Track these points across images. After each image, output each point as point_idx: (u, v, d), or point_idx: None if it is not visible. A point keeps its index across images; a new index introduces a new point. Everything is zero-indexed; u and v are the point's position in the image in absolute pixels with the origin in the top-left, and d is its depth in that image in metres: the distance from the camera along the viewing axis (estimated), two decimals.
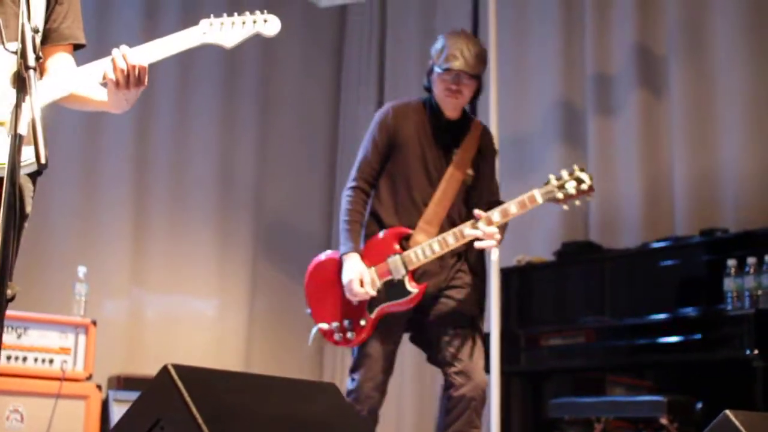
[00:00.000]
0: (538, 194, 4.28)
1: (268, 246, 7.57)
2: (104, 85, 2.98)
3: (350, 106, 8.00)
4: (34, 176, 3.02)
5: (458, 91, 4.46)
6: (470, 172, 4.59)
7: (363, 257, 4.39)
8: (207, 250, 7.29)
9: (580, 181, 4.29)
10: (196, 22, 3.06)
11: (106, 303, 6.65)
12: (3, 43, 2.61)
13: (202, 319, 7.24)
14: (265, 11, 3.11)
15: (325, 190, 7.91)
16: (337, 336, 4.44)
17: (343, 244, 4.46)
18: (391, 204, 4.52)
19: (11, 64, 2.73)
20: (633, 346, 5.35)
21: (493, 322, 5.38)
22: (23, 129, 2.32)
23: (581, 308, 5.83)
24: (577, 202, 4.33)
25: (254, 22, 3.10)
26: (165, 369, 2.38)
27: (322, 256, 4.61)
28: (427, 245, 4.36)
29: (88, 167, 6.77)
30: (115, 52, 2.91)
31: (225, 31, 3.08)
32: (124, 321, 6.82)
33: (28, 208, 3.04)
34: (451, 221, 4.46)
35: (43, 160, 2.25)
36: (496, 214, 4.29)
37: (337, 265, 4.46)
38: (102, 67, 2.93)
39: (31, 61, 2.38)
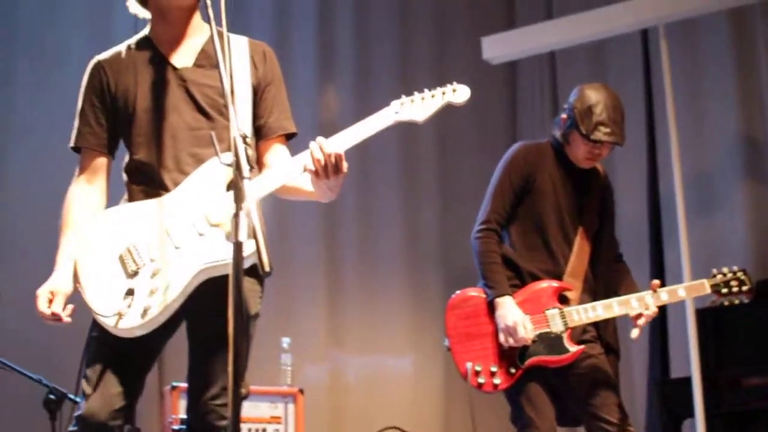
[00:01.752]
0: (707, 285, 4.35)
1: None
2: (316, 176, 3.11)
3: None
4: (260, 278, 3.23)
5: (599, 156, 4.49)
6: (597, 220, 4.61)
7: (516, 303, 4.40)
8: (399, 308, 7.47)
9: (742, 283, 4.38)
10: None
11: (308, 369, 6.88)
12: (218, 155, 2.82)
13: (400, 377, 7.39)
14: (454, 82, 3.21)
15: None
16: (481, 379, 4.41)
17: (493, 286, 4.44)
18: (525, 249, 4.52)
19: (226, 170, 2.98)
20: None
21: (693, 365, 5.34)
22: (243, 236, 2.50)
23: None
24: (736, 301, 4.39)
25: (443, 93, 3.20)
26: None
27: (470, 292, 4.59)
28: (591, 307, 4.36)
29: (283, 248, 7.01)
30: (311, 144, 3.05)
31: (416, 107, 3.18)
32: (326, 385, 7.07)
33: (255, 309, 3.24)
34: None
35: (267, 268, 2.40)
36: (664, 294, 4.32)
37: (486, 304, 4.47)
38: (302, 159, 3.08)
39: (246, 172, 2.55)
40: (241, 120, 3.12)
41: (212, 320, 3.06)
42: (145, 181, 3.23)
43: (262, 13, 7.50)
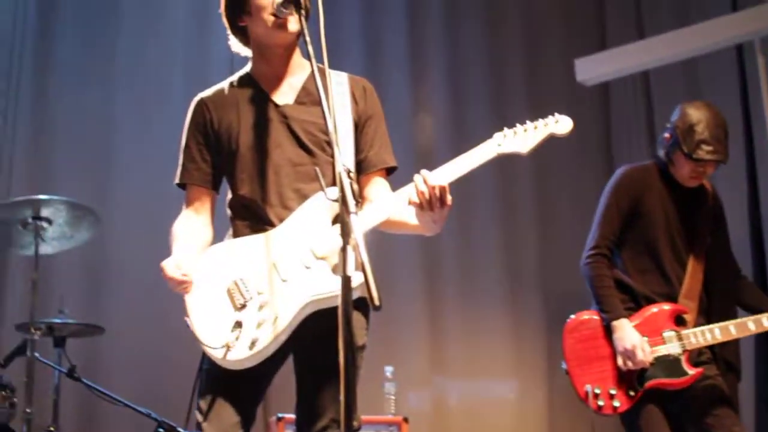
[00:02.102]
0: None
1: (561, 322, 7.61)
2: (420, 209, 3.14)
3: None
4: (366, 309, 3.27)
5: (704, 173, 4.45)
6: (709, 238, 4.55)
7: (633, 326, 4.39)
8: (500, 334, 7.47)
9: None
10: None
11: (411, 397, 6.90)
12: (324, 190, 2.87)
13: (502, 402, 7.38)
14: (555, 113, 3.25)
15: None
16: (600, 402, 4.41)
17: (609, 310, 4.45)
18: (638, 273, 4.53)
19: (330, 205, 3.02)
20: None
21: None
22: (351, 270, 2.53)
23: None
24: None
25: (545, 125, 3.25)
26: None
27: (585, 315, 4.62)
28: (708, 330, 4.35)
29: (385, 277, 6.99)
30: (416, 177, 3.09)
31: (519, 139, 3.23)
32: (429, 411, 7.10)
33: (362, 341, 3.28)
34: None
35: (377, 302, 2.42)
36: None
37: (602, 326, 4.48)
38: (407, 192, 3.12)
39: (352, 206, 2.58)
40: (343, 154, 3.18)
41: (320, 352, 3.12)
42: (250, 216, 3.29)
43: (355, 43, 7.58)
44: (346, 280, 2.51)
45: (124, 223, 6.67)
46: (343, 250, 2.53)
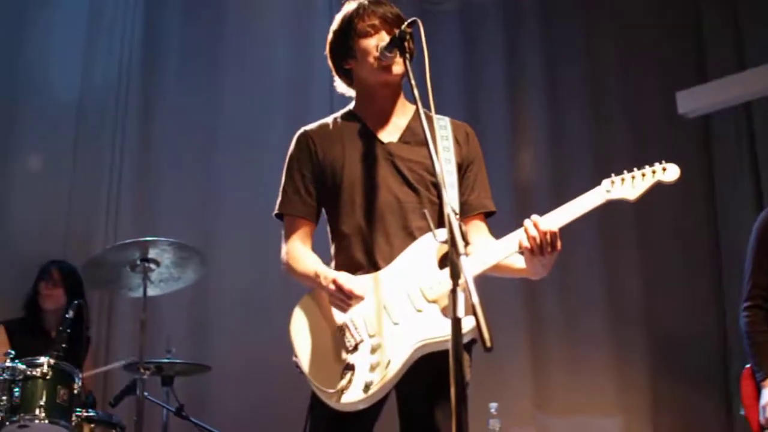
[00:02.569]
0: None
1: (665, 358, 7.53)
2: (521, 253, 3.17)
3: (727, 209, 7.84)
4: (470, 348, 3.27)
5: None
6: None
7: None
8: (604, 369, 7.38)
9: None
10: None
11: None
12: (433, 232, 2.88)
13: None
14: (663, 161, 3.26)
15: (713, 296, 7.76)
16: None
17: (758, 369, 4.36)
18: None
19: (438, 246, 3.04)
20: None
21: None
22: (461, 312, 2.54)
23: None
24: None
25: (653, 172, 3.26)
26: None
27: None
28: None
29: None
30: (526, 222, 3.12)
31: (627, 187, 3.25)
32: None
33: (467, 378, 3.28)
34: None
35: (488, 344, 2.40)
36: None
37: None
38: (517, 236, 3.14)
39: (461, 248, 2.58)
40: (449, 196, 3.20)
41: (426, 390, 3.12)
42: (354, 252, 3.32)
43: (455, 82, 7.61)
44: (456, 322, 2.52)
45: (227, 262, 6.76)
46: (453, 292, 2.53)
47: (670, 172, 3.25)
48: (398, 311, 3.14)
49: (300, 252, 3.39)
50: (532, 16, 8.08)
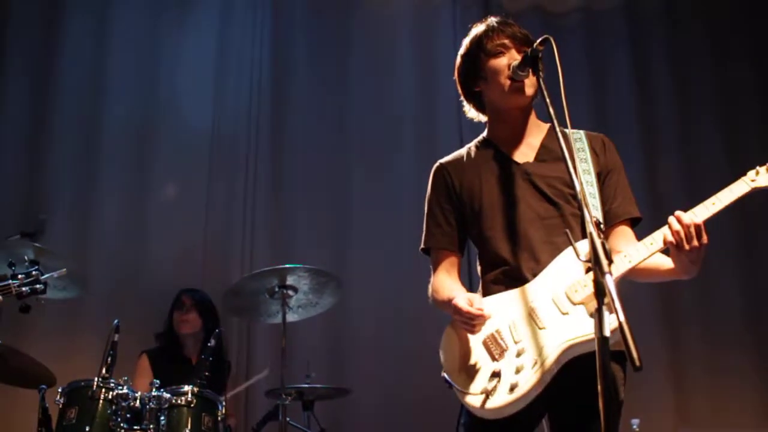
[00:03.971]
0: None
1: None
2: (667, 252, 3.13)
3: None
4: (623, 363, 3.22)
5: None
6: None
7: None
8: (748, 382, 7.21)
9: None
10: None
11: None
12: (577, 253, 2.74)
13: None
14: None
15: None
16: None
17: None
18: None
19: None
20: None
21: None
22: (608, 331, 2.50)
23: None
24: None
25: None
26: None
27: None
28: None
29: None
30: (669, 218, 3.08)
31: None
32: None
33: (621, 395, 3.25)
34: None
35: (638, 363, 2.37)
36: None
37: None
38: (661, 233, 3.10)
39: (605, 267, 2.55)
40: (591, 207, 3.19)
41: (576, 405, 3.10)
42: (503, 273, 3.31)
43: (584, 102, 7.57)
44: (603, 342, 2.49)
45: (363, 285, 6.80)
46: (598, 311, 2.51)
47: None
48: (545, 317, 3.13)
49: (442, 282, 3.42)
50: (658, 24, 7.98)
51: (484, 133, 3.58)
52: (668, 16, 8.07)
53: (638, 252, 3.13)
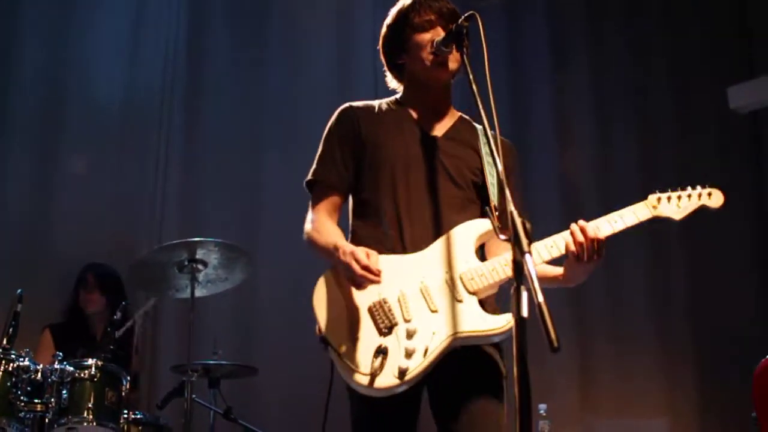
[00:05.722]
0: None
1: (713, 359, 7.43)
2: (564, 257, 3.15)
3: None
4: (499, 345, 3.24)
5: None
6: None
7: None
8: (652, 370, 7.31)
9: None
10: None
11: None
12: (496, 230, 2.85)
13: None
14: (707, 185, 3.31)
15: (762, 297, 7.62)
16: None
17: None
18: None
19: (476, 237, 3.07)
20: None
21: None
22: (525, 311, 2.47)
23: None
24: None
25: (699, 196, 3.29)
26: None
27: None
28: None
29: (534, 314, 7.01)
30: (573, 226, 3.11)
31: (673, 206, 3.26)
32: None
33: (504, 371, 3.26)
34: None
35: (555, 344, 2.37)
36: None
37: None
38: (563, 239, 3.13)
39: (525, 246, 2.51)
40: (492, 196, 3.24)
41: (453, 383, 3.13)
42: (383, 233, 3.25)
43: (499, 79, 7.58)
44: (521, 321, 2.46)
45: (274, 262, 6.73)
46: (517, 290, 2.47)
47: (714, 199, 3.30)
48: (437, 298, 3.09)
49: (325, 224, 3.31)
50: (577, 13, 8.03)
51: (398, 96, 3.53)
52: (587, 2, 8.12)
53: (538, 254, 3.13)
